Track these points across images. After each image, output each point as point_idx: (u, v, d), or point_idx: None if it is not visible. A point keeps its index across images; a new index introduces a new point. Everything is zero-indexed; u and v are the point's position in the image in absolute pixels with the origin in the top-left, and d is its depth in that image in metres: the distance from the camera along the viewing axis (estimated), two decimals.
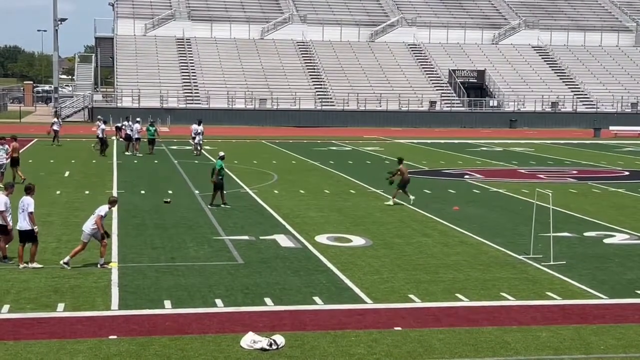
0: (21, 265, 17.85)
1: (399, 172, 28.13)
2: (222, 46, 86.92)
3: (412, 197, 28.12)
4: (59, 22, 79.56)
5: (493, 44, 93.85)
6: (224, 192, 27.32)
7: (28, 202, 17.95)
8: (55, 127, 50.83)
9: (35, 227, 18.03)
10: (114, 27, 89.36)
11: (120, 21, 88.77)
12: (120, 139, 46.28)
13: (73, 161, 41.37)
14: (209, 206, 26.83)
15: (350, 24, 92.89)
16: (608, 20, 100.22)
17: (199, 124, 45.75)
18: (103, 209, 18.14)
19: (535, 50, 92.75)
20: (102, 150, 44.55)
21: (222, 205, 26.77)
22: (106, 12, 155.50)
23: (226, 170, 36.10)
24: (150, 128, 45.69)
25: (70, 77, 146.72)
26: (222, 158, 27.70)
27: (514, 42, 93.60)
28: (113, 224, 23.41)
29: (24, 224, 17.87)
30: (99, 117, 50.51)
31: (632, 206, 29.13)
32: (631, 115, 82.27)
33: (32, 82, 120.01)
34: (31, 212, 17.89)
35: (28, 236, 17.89)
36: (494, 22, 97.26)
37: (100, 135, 45.05)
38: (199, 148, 45.22)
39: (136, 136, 45.63)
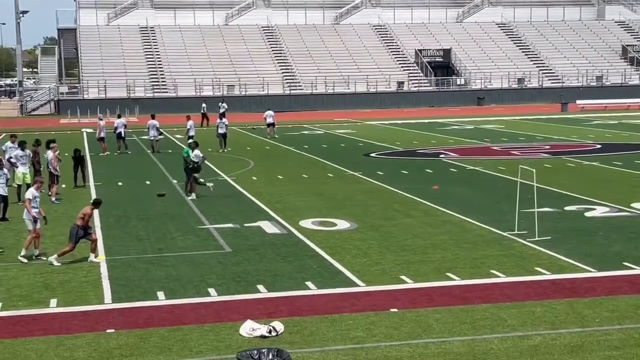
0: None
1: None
2: (186, 33, 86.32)
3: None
4: (21, 15, 78.51)
5: (457, 22, 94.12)
6: (189, 181, 27.26)
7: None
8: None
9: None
10: (76, 17, 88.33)
11: (82, 11, 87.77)
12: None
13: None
14: (187, 193, 26.84)
15: (315, 7, 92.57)
16: None
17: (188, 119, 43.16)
18: (29, 193, 18.50)
19: (499, 27, 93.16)
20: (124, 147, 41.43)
21: (188, 194, 26.82)
22: (67, 3, 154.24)
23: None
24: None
25: (30, 69, 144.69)
26: (189, 146, 27.77)
27: (478, 20, 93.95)
28: (94, 216, 23.24)
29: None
30: (118, 114, 48.09)
31: (608, 179, 29.46)
32: (596, 89, 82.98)
33: None
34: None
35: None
36: (458, 0, 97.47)
37: (122, 135, 41.20)
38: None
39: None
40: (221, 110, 51.28)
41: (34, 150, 28.92)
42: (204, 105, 61.09)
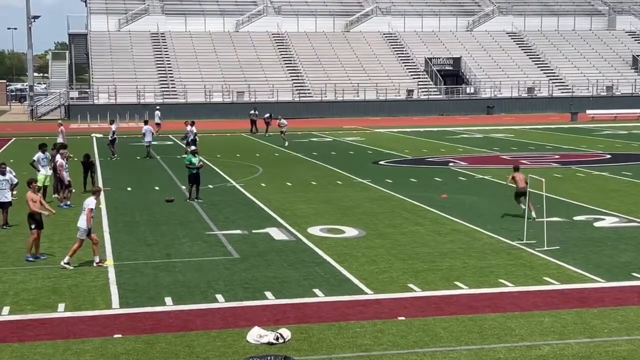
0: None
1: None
2: (197, 40, 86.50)
3: None
4: (32, 20, 78.84)
5: (468, 31, 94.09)
6: (199, 186, 27.33)
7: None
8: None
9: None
10: (88, 23, 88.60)
11: (93, 17, 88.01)
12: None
13: None
14: (187, 200, 26.87)
15: (325, 15, 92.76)
16: (580, 4, 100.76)
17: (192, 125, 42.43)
18: (91, 202, 18.04)
19: (509, 36, 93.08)
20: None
21: (196, 200, 26.88)
22: (78, 8, 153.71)
23: (209, 163, 36.16)
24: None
25: (41, 74, 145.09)
26: (192, 152, 27.82)
27: (488, 29, 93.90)
28: (103, 221, 23.31)
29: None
30: (111, 120, 46.71)
31: (617, 189, 29.37)
32: (606, 99, 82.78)
33: (5, 81, 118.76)
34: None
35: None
36: (468, 9, 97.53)
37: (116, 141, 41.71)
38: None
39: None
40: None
41: (55, 154, 28.76)
42: (254, 112, 60.21)
